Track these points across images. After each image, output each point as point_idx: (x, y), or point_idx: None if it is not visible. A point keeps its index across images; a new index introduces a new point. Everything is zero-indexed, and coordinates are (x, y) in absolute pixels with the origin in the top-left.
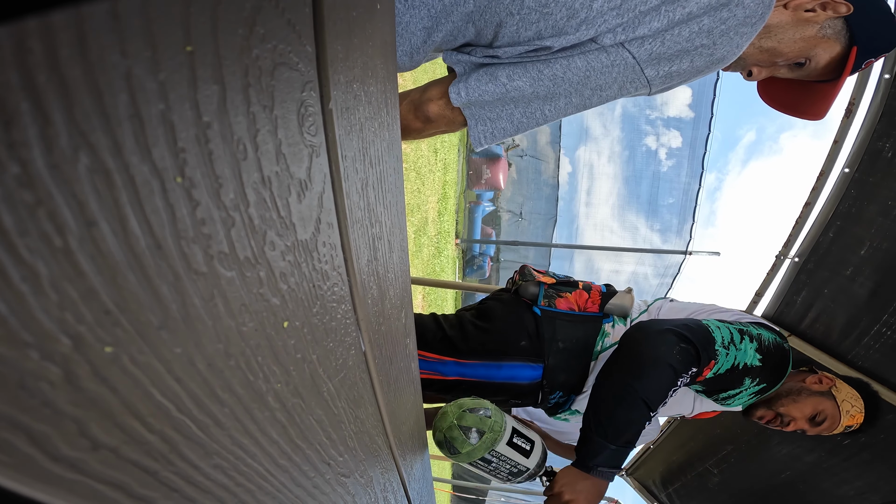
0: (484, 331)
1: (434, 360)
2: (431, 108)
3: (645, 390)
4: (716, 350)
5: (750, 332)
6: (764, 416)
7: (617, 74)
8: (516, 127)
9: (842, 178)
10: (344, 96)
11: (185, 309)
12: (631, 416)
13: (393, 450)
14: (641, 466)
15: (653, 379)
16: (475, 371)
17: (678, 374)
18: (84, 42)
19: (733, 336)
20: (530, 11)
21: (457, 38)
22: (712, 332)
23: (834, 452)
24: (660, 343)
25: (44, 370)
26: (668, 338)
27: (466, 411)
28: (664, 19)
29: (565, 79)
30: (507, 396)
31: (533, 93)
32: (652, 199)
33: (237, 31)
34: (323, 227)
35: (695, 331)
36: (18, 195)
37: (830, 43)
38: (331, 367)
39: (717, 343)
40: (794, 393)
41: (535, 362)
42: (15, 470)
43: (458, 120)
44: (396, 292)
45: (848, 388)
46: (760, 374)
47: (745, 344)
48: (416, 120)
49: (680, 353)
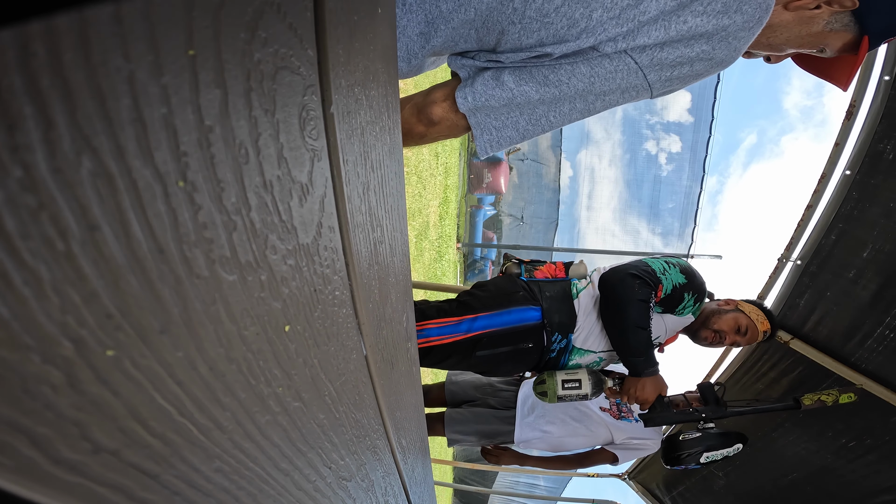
0: (488, 291)
1: (459, 322)
2: (435, 111)
3: (635, 319)
4: (658, 277)
5: (669, 261)
6: (707, 335)
7: (620, 80)
8: (522, 134)
9: (843, 181)
10: (345, 100)
11: (186, 313)
12: (639, 336)
13: (394, 453)
14: (645, 470)
15: (635, 311)
16: (492, 321)
17: (646, 300)
18: (87, 46)
19: (663, 266)
20: (531, 21)
21: (458, 44)
22: (651, 265)
23: (840, 455)
24: (626, 286)
25: (46, 373)
26: (628, 281)
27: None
28: (662, 30)
29: (570, 84)
30: (522, 341)
31: (539, 98)
32: (653, 203)
33: (239, 35)
34: (324, 230)
35: (641, 268)
36: (21, 199)
37: (840, 34)
38: (332, 371)
39: (658, 272)
40: (717, 313)
41: (534, 305)
42: (16, 472)
43: (461, 125)
44: (398, 296)
45: (748, 305)
46: (690, 287)
47: (671, 269)
48: (419, 123)
49: (639, 286)
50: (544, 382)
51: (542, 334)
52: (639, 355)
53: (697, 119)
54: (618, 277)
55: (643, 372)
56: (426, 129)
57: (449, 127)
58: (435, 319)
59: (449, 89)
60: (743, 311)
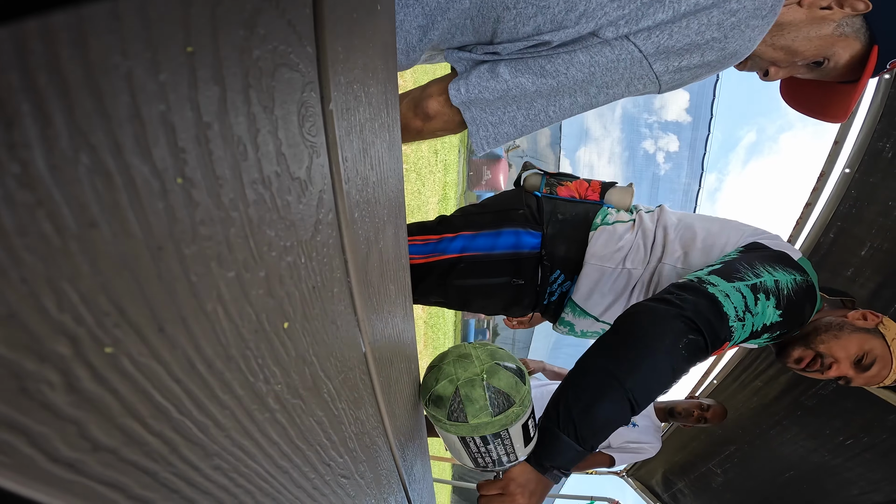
0: (482, 206)
1: (434, 241)
2: (431, 105)
3: (635, 389)
4: (730, 328)
5: (766, 287)
6: (802, 356)
7: (623, 70)
8: (519, 130)
9: (842, 179)
10: (344, 97)
11: (184, 310)
12: (610, 416)
13: (393, 451)
14: (643, 467)
15: (647, 377)
16: (474, 242)
17: (678, 372)
18: (85, 43)
19: (747, 301)
20: (527, 5)
21: (454, 37)
22: (724, 307)
23: (837, 453)
24: (666, 332)
25: (43, 372)
26: (677, 326)
27: (499, 365)
28: (669, 10)
29: (569, 74)
30: (508, 276)
31: (536, 91)
32: (652, 200)
33: (238, 31)
34: (323, 227)
35: (708, 311)
36: (18, 196)
37: (849, 41)
38: (331, 369)
39: (731, 318)
40: (834, 328)
41: (533, 229)
42: (15, 471)
43: (456, 119)
44: (397, 293)
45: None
46: (781, 326)
47: (762, 305)
48: (415, 118)
49: (687, 346)
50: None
51: (538, 269)
52: (581, 441)
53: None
54: (665, 313)
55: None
56: (422, 123)
57: (445, 122)
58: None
59: (445, 83)
60: (883, 336)
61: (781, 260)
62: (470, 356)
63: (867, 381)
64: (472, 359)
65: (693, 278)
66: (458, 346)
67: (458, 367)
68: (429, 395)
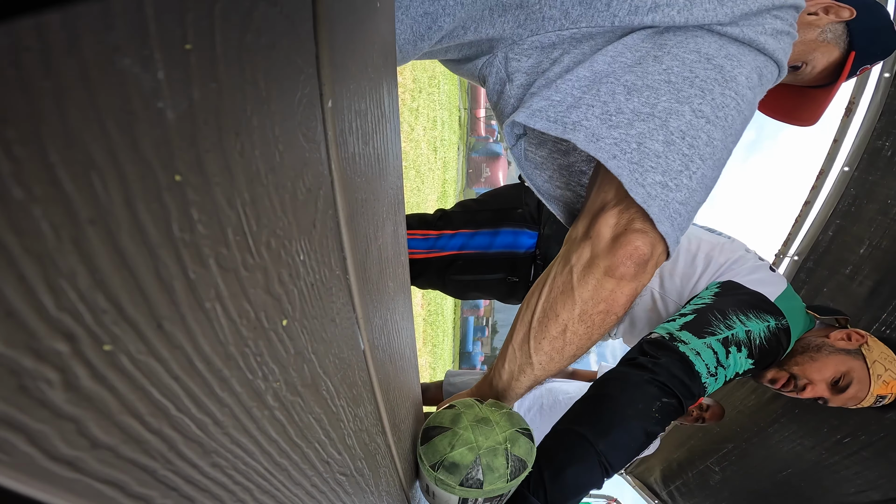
0: (482, 203)
1: (433, 237)
2: (641, 248)
3: (607, 453)
4: (703, 384)
5: (737, 339)
6: (776, 378)
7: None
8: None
9: (841, 177)
10: (343, 94)
11: (183, 308)
12: (581, 479)
13: (392, 449)
14: (641, 464)
15: (619, 441)
16: (472, 241)
17: (651, 436)
18: (80, 40)
19: (718, 357)
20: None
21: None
22: (696, 366)
23: (835, 451)
24: (638, 398)
25: (42, 370)
26: (650, 391)
27: (519, 432)
28: None
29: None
30: (504, 273)
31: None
32: None
33: (235, 27)
34: (321, 224)
35: (679, 376)
36: (14, 193)
37: (829, 47)
38: (329, 366)
39: (704, 376)
40: (811, 350)
41: (531, 229)
42: (13, 469)
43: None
44: (396, 290)
45: (883, 348)
46: (754, 370)
47: (733, 357)
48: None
49: (660, 409)
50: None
51: (532, 268)
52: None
53: None
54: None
55: None
56: (636, 270)
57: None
58: (413, 230)
59: (625, 206)
60: (864, 357)
61: (756, 305)
62: (489, 421)
63: (844, 402)
64: (492, 424)
65: (664, 333)
66: (471, 407)
67: (477, 433)
68: (440, 461)
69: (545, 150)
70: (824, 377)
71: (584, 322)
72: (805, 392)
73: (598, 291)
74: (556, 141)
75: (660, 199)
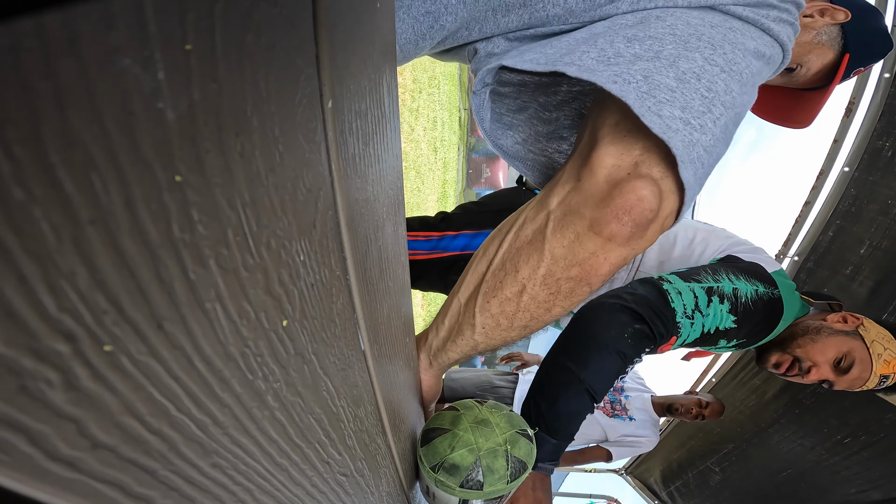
0: (482, 205)
1: (435, 238)
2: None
3: (590, 380)
4: (677, 323)
5: (722, 292)
6: (780, 362)
7: None
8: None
9: (841, 177)
10: (343, 95)
11: (183, 308)
12: (572, 407)
13: (392, 449)
14: (642, 465)
15: (598, 367)
16: (475, 241)
17: (627, 360)
18: (80, 40)
19: (698, 301)
20: None
21: (470, 32)
22: (673, 302)
23: (834, 451)
24: (611, 325)
25: (42, 370)
26: (621, 318)
27: (519, 433)
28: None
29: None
30: None
31: None
32: None
33: (235, 28)
34: (321, 225)
35: (653, 305)
36: (14, 193)
37: (824, 49)
38: (330, 366)
39: (679, 314)
40: (811, 332)
41: None
42: (13, 469)
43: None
44: (396, 291)
45: (879, 329)
46: (738, 333)
47: (714, 307)
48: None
49: (632, 335)
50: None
51: None
52: (552, 433)
53: None
54: (611, 306)
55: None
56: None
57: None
58: (414, 232)
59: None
60: (862, 338)
61: (749, 271)
62: (489, 423)
63: (849, 383)
64: (491, 426)
65: (654, 276)
66: (471, 408)
67: (477, 434)
68: (440, 462)
69: (524, 115)
70: (827, 358)
71: (546, 286)
72: (810, 375)
73: (575, 250)
74: (539, 109)
75: (683, 135)
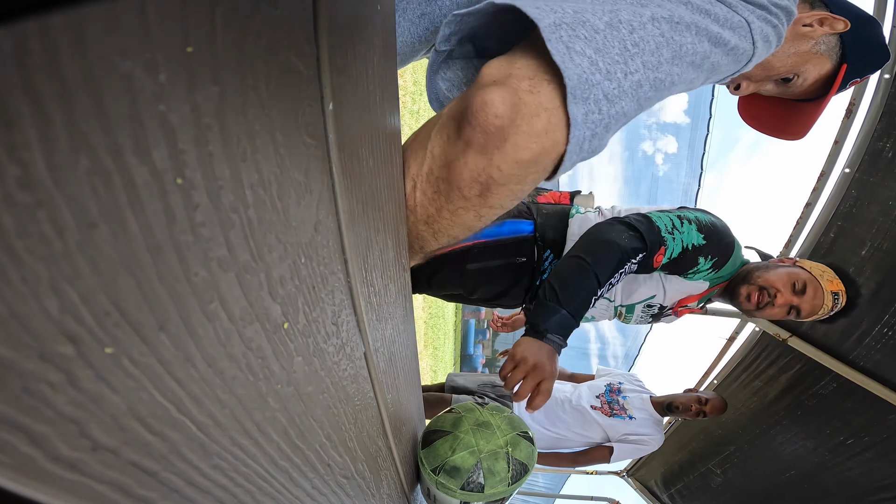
0: None
1: None
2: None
3: (596, 264)
4: (662, 237)
5: (687, 217)
6: (749, 292)
7: None
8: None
9: (842, 179)
10: (343, 97)
11: (185, 311)
12: (580, 282)
13: (393, 451)
14: (643, 467)
15: (602, 255)
16: (483, 232)
17: (625, 253)
18: (83, 43)
19: (674, 222)
20: None
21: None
22: (655, 220)
23: (837, 452)
24: (610, 230)
25: (44, 372)
26: (617, 226)
27: (520, 435)
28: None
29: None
30: (514, 255)
31: None
32: (651, 201)
33: (237, 31)
34: (322, 228)
35: (640, 221)
36: (19, 197)
37: (822, 59)
38: (331, 368)
39: (662, 230)
40: (762, 268)
41: (528, 219)
42: (15, 470)
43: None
44: (397, 293)
45: (812, 262)
46: (710, 250)
47: (686, 226)
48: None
49: (629, 238)
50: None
51: (534, 248)
52: (563, 303)
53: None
54: (609, 221)
55: (547, 332)
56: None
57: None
58: None
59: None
60: (803, 268)
61: (703, 210)
62: (490, 425)
63: (811, 305)
64: (492, 428)
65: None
66: (472, 411)
67: (478, 437)
68: (441, 465)
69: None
70: (784, 283)
71: (430, 183)
72: (777, 300)
73: (446, 150)
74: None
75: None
